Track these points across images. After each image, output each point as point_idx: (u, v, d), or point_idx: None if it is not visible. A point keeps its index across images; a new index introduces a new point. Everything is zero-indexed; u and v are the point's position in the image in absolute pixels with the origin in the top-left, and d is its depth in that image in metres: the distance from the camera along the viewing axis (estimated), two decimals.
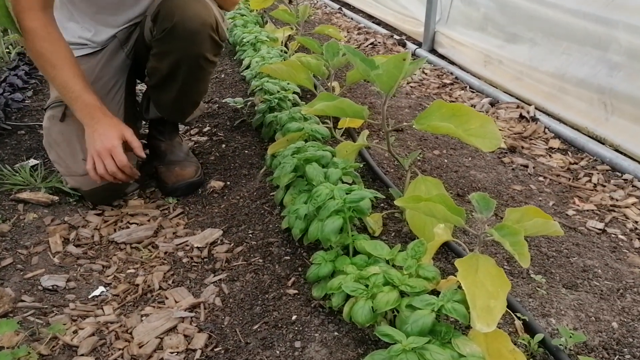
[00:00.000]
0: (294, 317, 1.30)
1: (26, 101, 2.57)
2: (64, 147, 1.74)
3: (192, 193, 1.95)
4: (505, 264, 1.54)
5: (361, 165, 1.77)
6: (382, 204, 1.76)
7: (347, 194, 1.38)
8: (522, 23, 2.85)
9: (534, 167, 2.14)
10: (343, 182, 1.60)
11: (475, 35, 3.23)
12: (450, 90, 2.99)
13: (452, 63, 3.32)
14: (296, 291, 1.40)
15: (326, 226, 1.30)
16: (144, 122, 2.24)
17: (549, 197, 1.93)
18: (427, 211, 1.22)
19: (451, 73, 3.20)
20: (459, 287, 1.36)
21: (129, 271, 1.55)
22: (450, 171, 2.02)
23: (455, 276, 1.43)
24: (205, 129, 2.41)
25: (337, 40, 2.31)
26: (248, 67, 2.71)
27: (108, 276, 1.53)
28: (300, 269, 1.49)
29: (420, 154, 2.10)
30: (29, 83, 2.70)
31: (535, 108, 2.63)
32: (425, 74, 3.22)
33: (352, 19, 4.51)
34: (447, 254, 1.55)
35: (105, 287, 1.48)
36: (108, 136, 1.63)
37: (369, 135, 2.04)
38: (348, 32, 4.14)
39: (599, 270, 1.53)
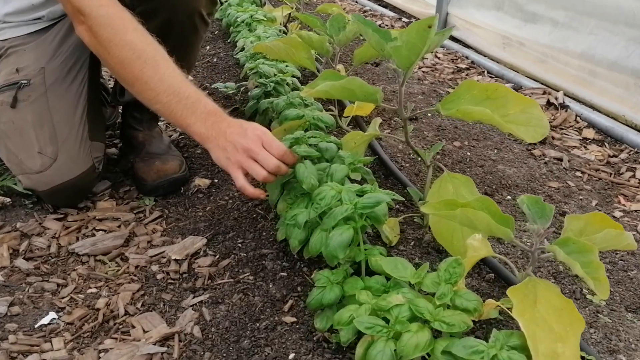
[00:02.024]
0: (291, 356, 1.01)
1: None
2: (16, 139, 1.45)
3: (175, 192, 1.66)
4: (552, 279, 1.25)
5: (373, 160, 1.48)
6: (398, 205, 1.48)
7: (358, 196, 1.09)
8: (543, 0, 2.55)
9: (569, 161, 1.85)
10: (351, 181, 1.31)
11: (492, 16, 2.93)
12: (467, 75, 2.70)
13: (467, 46, 3.03)
14: (294, 319, 1.12)
15: (332, 239, 1.02)
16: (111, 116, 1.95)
17: (590, 196, 1.65)
18: (465, 221, 0.93)
19: (466, 57, 2.90)
20: (500, 312, 1.08)
21: (89, 291, 1.27)
22: (474, 166, 1.73)
23: (494, 299, 1.15)
24: None
25: None
26: (243, 49, 2.42)
27: (63, 298, 1.24)
28: (299, 289, 1.21)
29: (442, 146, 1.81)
30: None
31: (564, 94, 2.34)
32: (438, 58, 2.92)
33: (356, 1, 4.21)
34: (479, 267, 1.27)
35: (57, 312, 1.20)
36: (248, 128, 1.23)
37: (379, 124, 1.76)
38: (347, 13, 3.83)
39: None
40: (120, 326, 1.16)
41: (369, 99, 1.24)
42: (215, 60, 2.71)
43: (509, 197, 1.58)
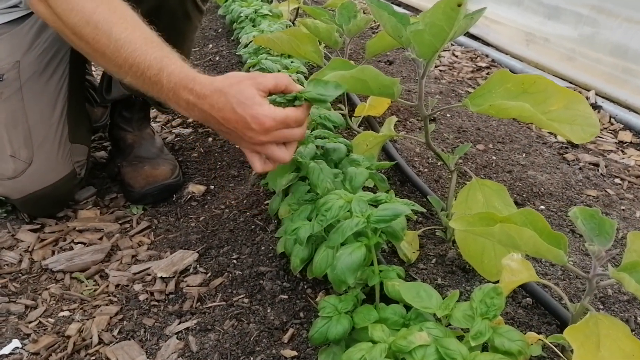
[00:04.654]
0: None
1: None
2: None
3: (166, 200, 1.49)
4: (600, 306, 1.06)
5: (392, 164, 1.30)
6: (417, 216, 1.30)
7: (371, 206, 0.91)
8: None
9: (606, 167, 1.66)
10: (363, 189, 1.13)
11: (513, 11, 2.75)
12: (487, 74, 2.51)
13: (487, 44, 2.84)
14: (295, 352, 0.94)
15: (340, 260, 0.84)
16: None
17: (634, 206, 1.46)
18: (506, 240, 0.75)
19: (486, 55, 2.72)
20: (543, 347, 0.90)
21: (61, 314, 1.10)
22: (502, 171, 1.54)
23: (534, 330, 0.97)
24: (190, 120, 1.95)
25: None
26: (246, 46, 2.25)
27: (30, 322, 1.08)
28: (302, 315, 1.03)
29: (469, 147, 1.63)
30: None
31: (596, 94, 2.15)
32: (456, 56, 2.74)
33: None
34: (513, 290, 1.08)
35: (22, 340, 1.03)
36: (247, 116, 0.94)
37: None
38: (364, 13, 3.66)
39: None
40: (92, 358, 0.99)
41: (384, 93, 1.06)
42: (217, 58, 2.55)
43: (542, 207, 1.39)
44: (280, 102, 1.00)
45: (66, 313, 1.11)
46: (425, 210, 1.29)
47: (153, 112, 1.79)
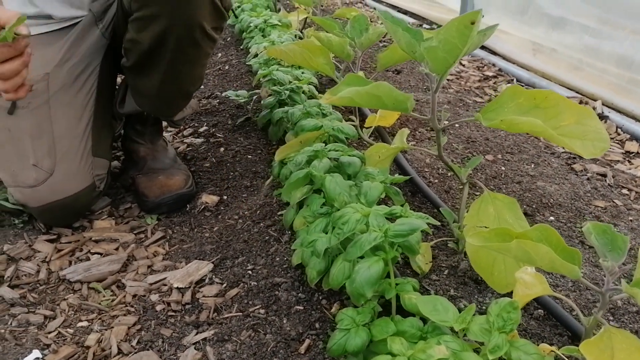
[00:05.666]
0: None
1: None
2: (10, 148, 1.32)
3: (180, 209, 1.51)
4: (610, 317, 1.08)
5: (407, 179, 1.31)
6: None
7: (387, 219, 0.93)
8: (572, 3, 2.39)
9: (613, 177, 1.68)
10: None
11: (520, 21, 2.78)
12: (494, 83, 2.53)
13: (494, 53, 2.86)
14: None
15: (359, 274, 0.86)
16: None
17: None
18: (523, 255, 0.76)
19: (493, 64, 2.74)
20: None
21: (80, 324, 1.12)
22: (511, 182, 1.56)
23: (546, 341, 0.98)
24: (201, 129, 1.98)
25: None
26: (256, 56, 2.28)
27: (49, 333, 1.10)
28: (317, 325, 1.05)
29: (481, 160, 1.64)
30: None
31: (602, 104, 2.17)
32: (463, 65, 2.76)
33: (374, 9, 4.07)
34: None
35: (42, 350, 1.05)
36: None
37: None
38: (371, 21, 3.69)
39: None
40: None
41: (398, 107, 1.08)
42: (227, 67, 2.57)
43: (551, 217, 1.41)
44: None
45: (85, 323, 1.12)
46: (439, 223, 1.31)
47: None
